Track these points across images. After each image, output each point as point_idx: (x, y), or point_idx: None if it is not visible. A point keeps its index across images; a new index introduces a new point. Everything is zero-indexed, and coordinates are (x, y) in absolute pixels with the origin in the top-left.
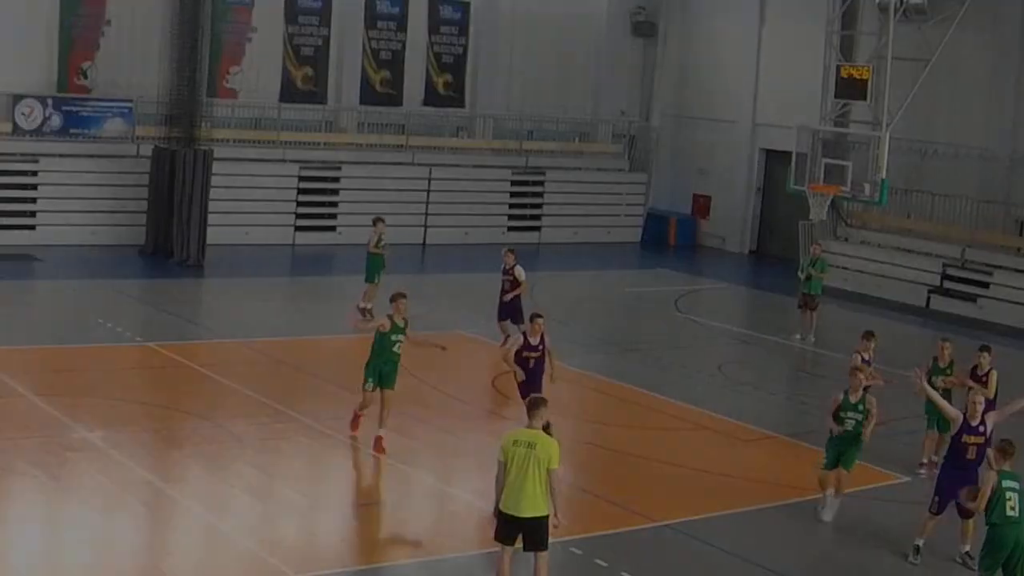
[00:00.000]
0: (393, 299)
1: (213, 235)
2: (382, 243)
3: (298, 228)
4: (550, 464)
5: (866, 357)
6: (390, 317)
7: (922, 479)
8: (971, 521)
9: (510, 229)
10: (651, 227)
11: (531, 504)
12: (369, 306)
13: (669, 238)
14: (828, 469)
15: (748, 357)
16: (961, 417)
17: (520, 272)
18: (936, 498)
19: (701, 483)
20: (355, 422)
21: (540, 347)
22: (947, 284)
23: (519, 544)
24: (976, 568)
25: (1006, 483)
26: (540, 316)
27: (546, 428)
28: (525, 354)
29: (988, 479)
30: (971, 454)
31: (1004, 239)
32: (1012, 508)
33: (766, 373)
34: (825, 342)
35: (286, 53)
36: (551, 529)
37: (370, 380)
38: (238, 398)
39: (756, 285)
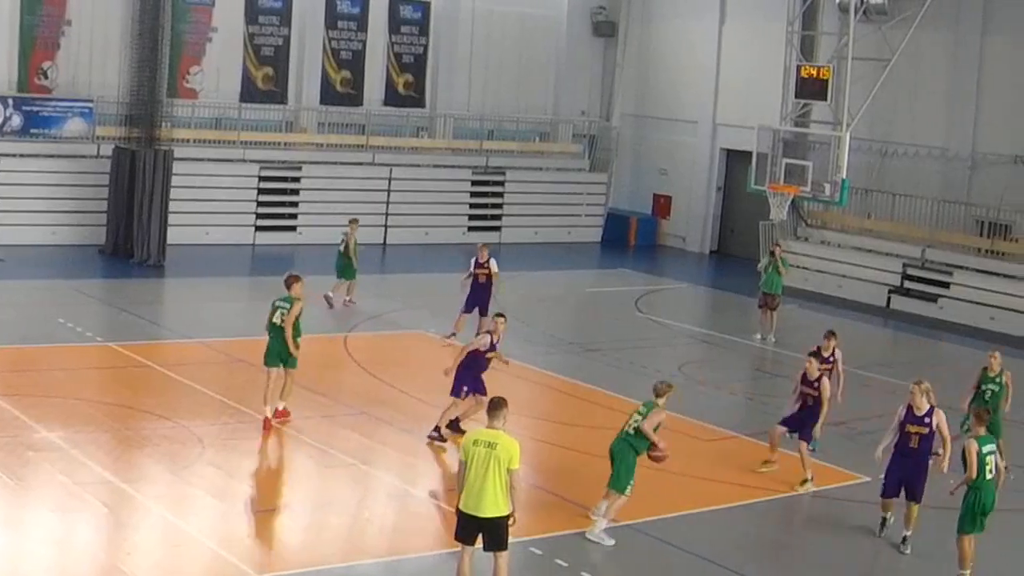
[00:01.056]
0: (292, 281)
1: (173, 235)
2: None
3: (258, 228)
4: (510, 464)
5: (826, 356)
6: (290, 300)
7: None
8: (917, 507)
9: (471, 229)
10: (612, 227)
11: (492, 504)
12: (349, 297)
13: (630, 238)
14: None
15: (709, 357)
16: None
17: (495, 265)
18: (884, 482)
19: (662, 483)
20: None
21: (496, 347)
22: (907, 284)
23: (479, 544)
24: (959, 532)
25: (985, 448)
26: (503, 316)
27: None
28: (488, 355)
29: (970, 447)
30: (914, 443)
31: (964, 239)
32: (991, 471)
33: (727, 373)
34: (785, 342)
35: (246, 53)
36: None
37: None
38: (199, 398)
39: (717, 285)
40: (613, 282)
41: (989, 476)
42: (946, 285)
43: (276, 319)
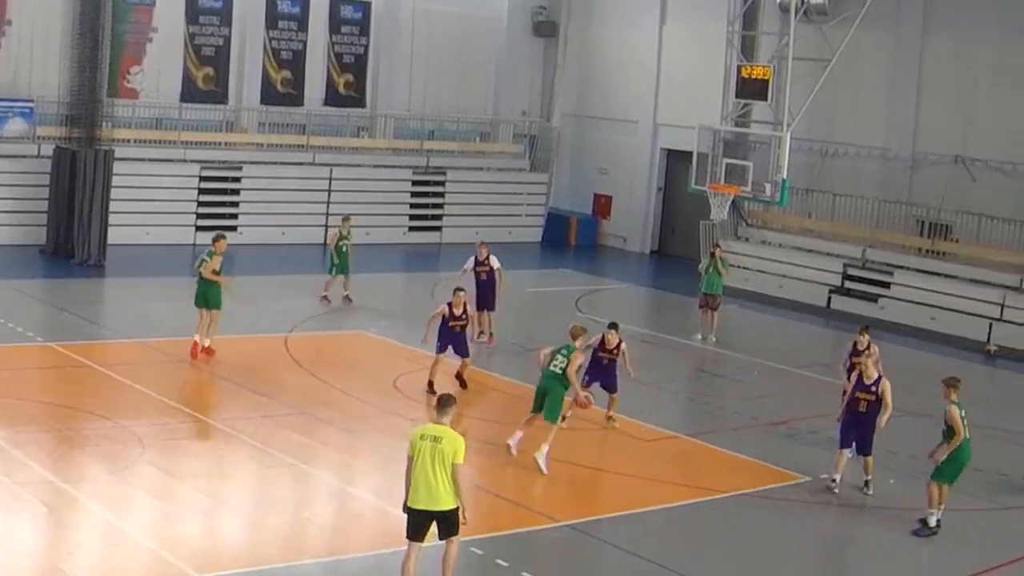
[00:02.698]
0: (215, 239)
1: (114, 235)
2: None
3: (199, 228)
4: (455, 458)
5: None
6: (211, 254)
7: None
8: (870, 458)
9: (411, 229)
10: (552, 227)
11: (445, 498)
12: (345, 293)
13: (570, 238)
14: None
15: (649, 357)
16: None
17: (495, 261)
18: (841, 439)
19: (603, 483)
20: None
21: (463, 316)
22: (848, 284)
23: (425, 543)
24: (935, 480)
25: (962, 411)
26: (462, 290)
27: None
28: (451, 324)
29: (953, 412)
30: (863, 407)
31: (905, 239)
32: (968, 430)
33: (668, 373)
34: (726, 342)
35: (187, 53)
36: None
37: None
38: (140, 398)
39: (657, 285)
40: (553, 282)
41: (968, 436)
42: (887, 285)
43: (200, 268)
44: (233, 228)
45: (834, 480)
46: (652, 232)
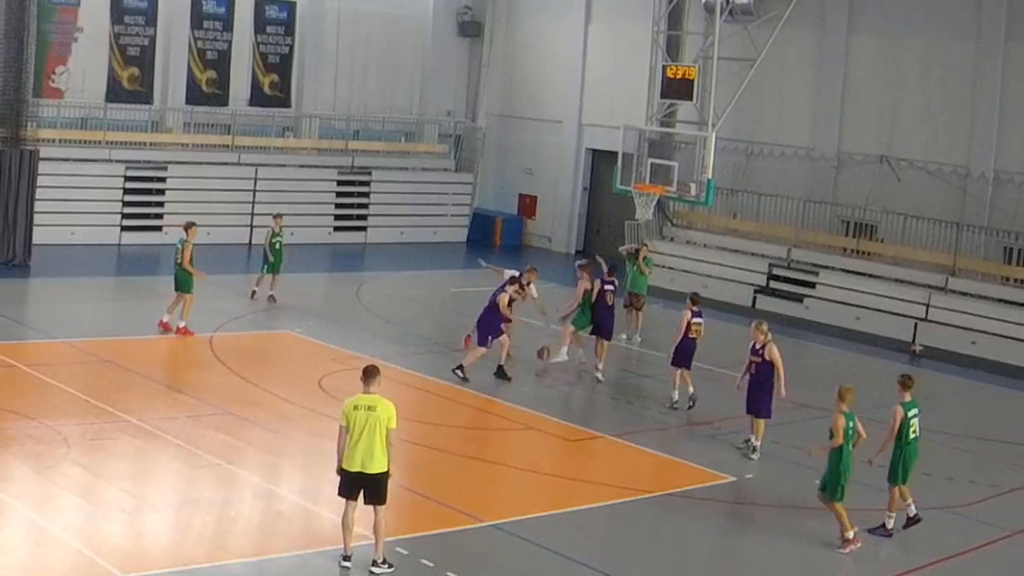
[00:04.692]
0: (187, 227)
1: (39, 235)
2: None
3: (124, 228)
4: (389, 424)
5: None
6: (183, 242)
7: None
8: (763, 421)
9: (336, 229)
10: (477, 227)
11: (378, 462)
12: (271, 292)
13: (495, 238)
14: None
15: (574, 357)
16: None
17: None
18: (747, 400)
19: (529, 483)
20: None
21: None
22: (773, 284)
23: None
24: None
25: (911, 412)
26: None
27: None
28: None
29: (897, 412)
30: (754, 370)
31: (830, 239)
32: (915, 431)
33: (592, 374)
34: (651, 342)
35: (112, 53)
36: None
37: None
38: (65, 398)
39: None
40: (479, 282)
41: (912, 436)
42: (812, 285)
43: (176, 256)
44: (158, 228)
45: (746, 442)
46: (577, 232)
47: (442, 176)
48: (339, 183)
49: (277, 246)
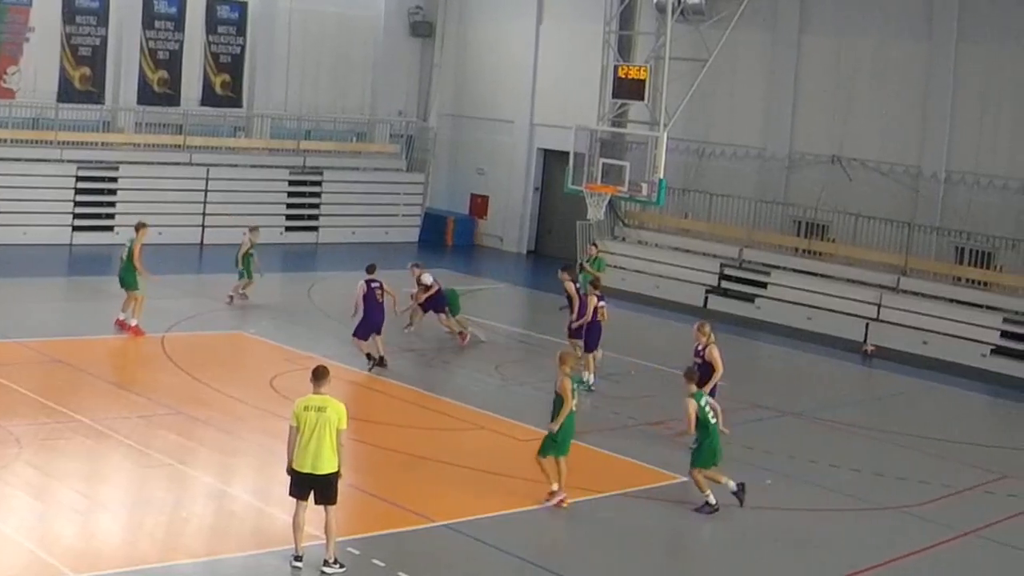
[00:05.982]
0: (137, 228)
1: None
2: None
3: (76, 228)
4: (340, 425)
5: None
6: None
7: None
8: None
9: (288, 229)
10: (429, 227)
11: (327, 462)
12: (243, 291)
13: (447, 238)
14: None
15: (525, 357)
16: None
17: (427, 278)
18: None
19: (480, 483)
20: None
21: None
22: (725, 284)
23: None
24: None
25: (701, 401)
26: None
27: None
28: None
29: (689, 406)
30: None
31: (781, 239)
32: (713, 417)
33: (544, 373)
34: (603, 342)
35: (64, 53)
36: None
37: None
38: (16, 398)
39: (534, 285)
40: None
41: (713, 421)
42: (763, 285)
43: (123, 254)
44: (110, 228)
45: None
46: (529, 232)
47: (394, 176)
48: (291, 183)
49: (250, 259)
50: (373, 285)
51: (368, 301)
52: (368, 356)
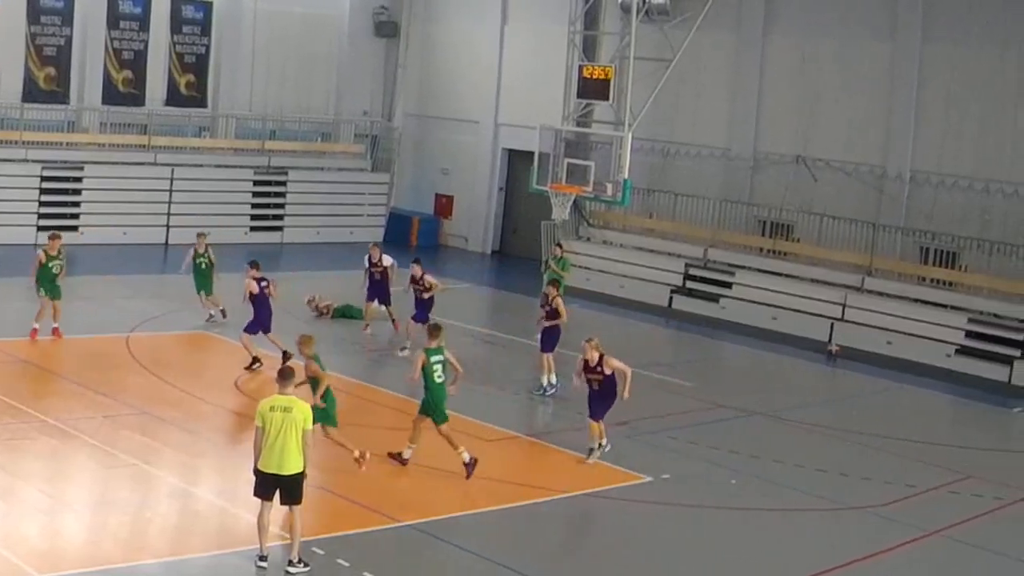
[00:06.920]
0: (51, 237)
1: None
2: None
3: (40, 228)
4: (305, 425)
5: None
6: (46, 251)
7: None
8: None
9: (253, 229)
10: (394, 227)
11: (293, 463)
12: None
13: (412, 238)
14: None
15: (490, 357)
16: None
17: (387, 259)
18: (589, 410)
19: (445, 483)
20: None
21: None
22: (689, 284)
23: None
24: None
25: (433, 358)
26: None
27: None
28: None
29: (419, 357)
30: (596, 386)
31: (746, 239)
32: (439, 376)
33: (508, 374)
34: (567, 342)
35: (28, 53)
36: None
37: (41, 291)
38: None
39: (499, 285)
40: (394, 282)
41: (438, 380)
42: (728, 285)
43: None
44: (74, 228)
45: (591, 449)
46: (493, 232)
47: (358, 176)
48: (255, 183)
49: (202, 265)
50: (262, 284)
51: (259, 299)
52: (254, 359)
